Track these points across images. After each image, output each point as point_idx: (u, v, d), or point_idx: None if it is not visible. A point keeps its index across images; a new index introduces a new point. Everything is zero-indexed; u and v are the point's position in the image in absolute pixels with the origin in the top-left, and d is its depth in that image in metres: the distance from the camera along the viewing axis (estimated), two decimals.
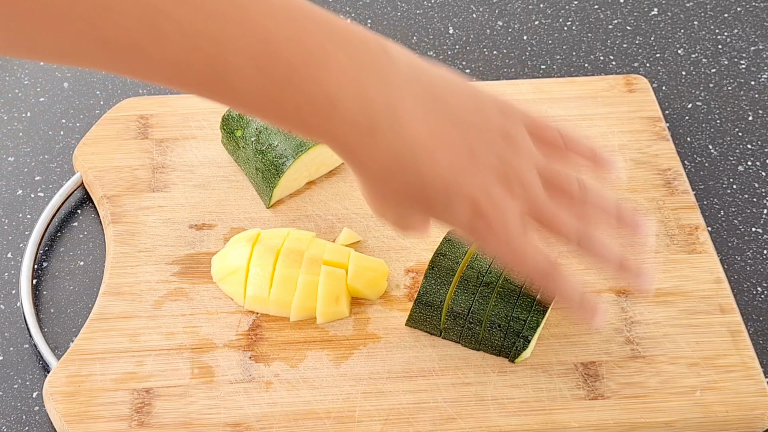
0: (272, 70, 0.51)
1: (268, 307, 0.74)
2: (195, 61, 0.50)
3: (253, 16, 0.50)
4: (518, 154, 0.61)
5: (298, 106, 0.53)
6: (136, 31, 0.48)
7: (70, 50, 0.49)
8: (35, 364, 0.74)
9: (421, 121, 0.57)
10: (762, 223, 0.84)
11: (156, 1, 0.48)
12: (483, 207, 0.58)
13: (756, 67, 0.97)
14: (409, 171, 0.57)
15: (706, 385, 0.71)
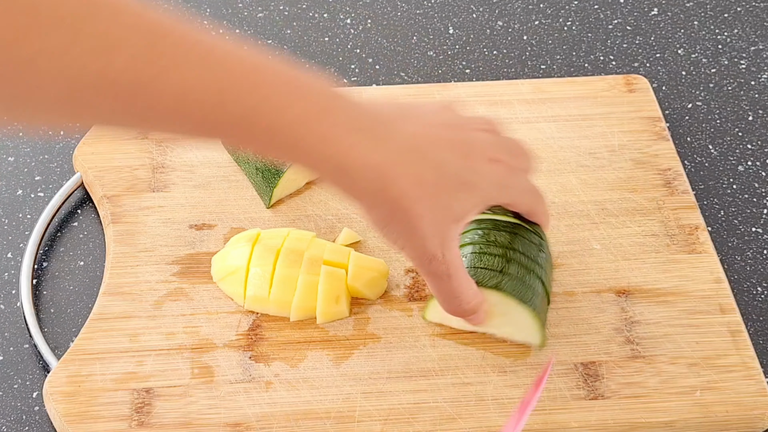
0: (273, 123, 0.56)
1: (268, 307, 0.74)
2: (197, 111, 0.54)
3: (247, 73, 0.56)
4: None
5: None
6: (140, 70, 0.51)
7: (69, 98, 0.50)
8: (35, 364, 0.74)
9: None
10: (762, 223, 0.84)
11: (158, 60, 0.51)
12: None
13: (756, 67, 0.97)
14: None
15: (706, 385, 0.71)
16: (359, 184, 0.59)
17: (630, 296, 0.76)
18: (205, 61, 0.53)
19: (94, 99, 0.50)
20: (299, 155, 0.58)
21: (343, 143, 0.58)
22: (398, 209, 0.61)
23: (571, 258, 0.77)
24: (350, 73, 0.96)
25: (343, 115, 0.58)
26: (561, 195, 0.82)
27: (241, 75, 0.55)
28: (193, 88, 0.52)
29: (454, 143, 0.63)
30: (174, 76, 0.52)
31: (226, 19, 1.01)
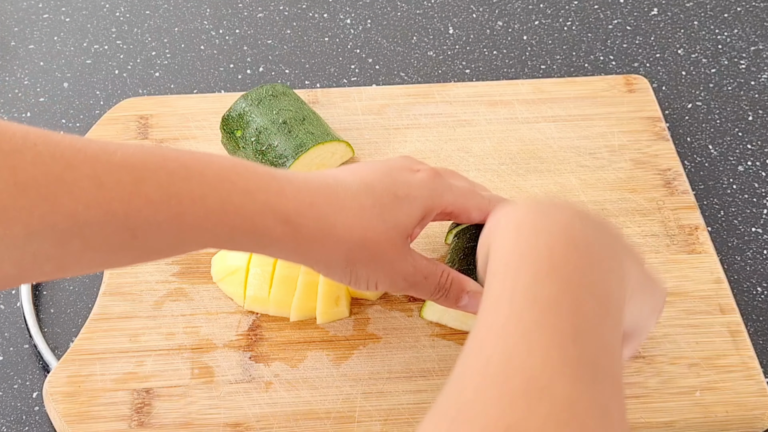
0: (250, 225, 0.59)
1: (268, 308, 0.74)
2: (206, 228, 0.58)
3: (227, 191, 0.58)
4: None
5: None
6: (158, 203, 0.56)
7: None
8: (35, 364, 0.74)
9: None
10: (762, 223, 0.84)
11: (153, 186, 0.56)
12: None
13: (756, 67, 0.97)
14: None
15: (706, 385, 0.71)
16: (305, 230, 0.60)
17: None
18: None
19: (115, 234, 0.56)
20: (237, 220, 0.59)
21: (271, 191, 0.59)
22: (354, 245, 0.62)
23: None
24: (350, 73, 0.96)
25: (256, 169, 0.60)
26: (561, 195, 0.82)
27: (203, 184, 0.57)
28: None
29: (375, 170, 0.65)
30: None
31: (226, 19, 1.01)
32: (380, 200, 0.63)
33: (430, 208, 0.66)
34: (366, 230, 0.62)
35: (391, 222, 0.63)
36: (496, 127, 0.87)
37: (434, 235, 0.79)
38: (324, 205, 0.60)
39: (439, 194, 0.66)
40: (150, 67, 0.96)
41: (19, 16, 1.01)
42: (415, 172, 0.66)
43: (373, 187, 0.63)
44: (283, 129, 0.80)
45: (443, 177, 0.68)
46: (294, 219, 0.59)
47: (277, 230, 0.59)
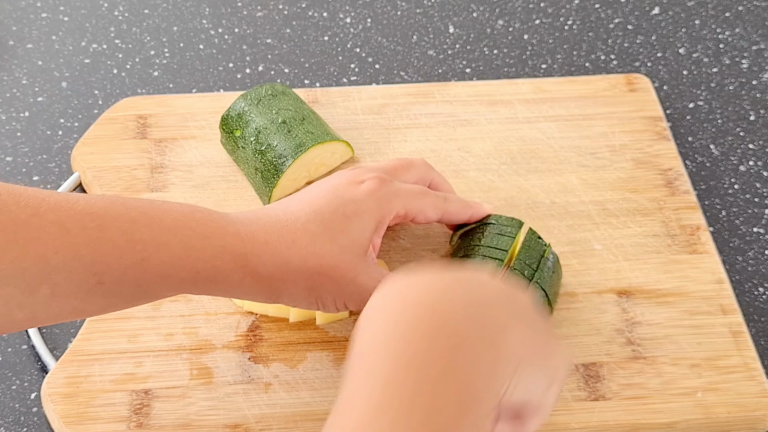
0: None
1: (268, 308, 0.73)
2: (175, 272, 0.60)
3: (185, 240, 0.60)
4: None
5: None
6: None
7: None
8: (33, 365, 0.74)
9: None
10: (764, 223, 0.84)
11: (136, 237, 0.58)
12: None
13: (758, 67, 0.96)
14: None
15: (708, 386, 0.70)
16: (263, 269, 0.61)
17: (631, 297, 0.75)
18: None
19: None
20: (197, 263, 0.60)
21: (225, 234, 0.61)
22: (312, 274, 0.63)
23: (572, 258, 0.77)
24: (350, 72, 0.95)
25: (211, 215, 0.62)
26: (562, 195, 0.82)
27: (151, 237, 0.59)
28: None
29: (320, 192, 0.66)
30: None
31: (225, 18, 1.00)
32: (330, 224, 0.64)
33: (382, 217, 0.67)
34: (320, 258, 0.63)
35: (344, 243, 0.64)
36: (497, 127, 0.87)
37: (435, 236, 0.79)
38: (277, 242, 0.62)
39: (387, 202, 0.67)
40: (149, 67, 0.95)
41: (18, 15, 1.00)
42: (359, 185, 0.67)
43: (322, 212, 0.64)
44: (282, 129, 0.80)
45: (388, 183, 0.68)
46: (251, 260, 0.61)
47: (237, 273, 0.61)
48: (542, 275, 0.71)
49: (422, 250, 0.78)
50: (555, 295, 0.73)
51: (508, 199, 0.81)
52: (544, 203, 0.81)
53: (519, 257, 0.71)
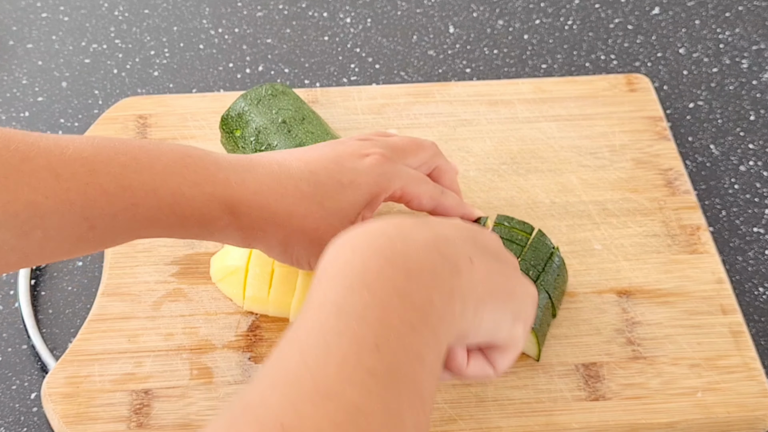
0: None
1: (268, 308, 0.73)
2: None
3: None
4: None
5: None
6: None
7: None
8: (33, 365, 0.74)
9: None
10: (764, 223, 0.84)
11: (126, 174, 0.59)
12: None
13: (758, 67, 0.96)
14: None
15: (708, 386, 0.70)
16: (246, 219, 0.62)
17: (631, 297, 0.75)
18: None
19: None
20: (187, 209, 0.61)
21: (216, 181, 0.61)
22: (292, 230, 0.63)
23: (572, 258, 0.77)
24: (350, 72, 0.95)
25: (204, 159, 0.62)
26: (562, 195, 0.82)
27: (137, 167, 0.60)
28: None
29: (322, 155, 0.66)
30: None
31: (226, 18, 1.00)
32: (322, 188, 0.64)
33: (376, 194, 0.67)
34: (305, 218, 0.64)
35: (332, 209, 0.64)
36: (497, 127, 0.87)
37: None
38: (266, 192, 0.63)
39: (386, 180, 0.67)
40: (149, 67, 0.95)
41: (18, 15, 1.01)
42: (363, 157, 0.67)
43: (317, 174, 0.65)
44: (282, 128, 0.80)
45: (393, 162, 0.68)
46: (238, 208, 0.62)
47: (223, 219, 0.62)
48: (547, 277, 0.71)
49: None
50: (560, 297, 0.73)
51: (508, 199, 0.81)
52: (544, 203, 0.81)
53: (525, 258, 0.71)
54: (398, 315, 0.47)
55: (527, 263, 0.71)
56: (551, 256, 0.72)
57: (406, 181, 0.68)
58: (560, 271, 0.73)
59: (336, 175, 0.65)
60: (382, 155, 0.67)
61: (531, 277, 0.70)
